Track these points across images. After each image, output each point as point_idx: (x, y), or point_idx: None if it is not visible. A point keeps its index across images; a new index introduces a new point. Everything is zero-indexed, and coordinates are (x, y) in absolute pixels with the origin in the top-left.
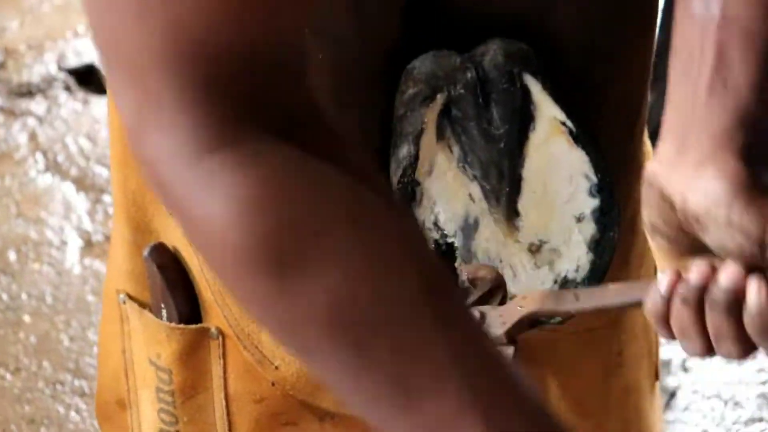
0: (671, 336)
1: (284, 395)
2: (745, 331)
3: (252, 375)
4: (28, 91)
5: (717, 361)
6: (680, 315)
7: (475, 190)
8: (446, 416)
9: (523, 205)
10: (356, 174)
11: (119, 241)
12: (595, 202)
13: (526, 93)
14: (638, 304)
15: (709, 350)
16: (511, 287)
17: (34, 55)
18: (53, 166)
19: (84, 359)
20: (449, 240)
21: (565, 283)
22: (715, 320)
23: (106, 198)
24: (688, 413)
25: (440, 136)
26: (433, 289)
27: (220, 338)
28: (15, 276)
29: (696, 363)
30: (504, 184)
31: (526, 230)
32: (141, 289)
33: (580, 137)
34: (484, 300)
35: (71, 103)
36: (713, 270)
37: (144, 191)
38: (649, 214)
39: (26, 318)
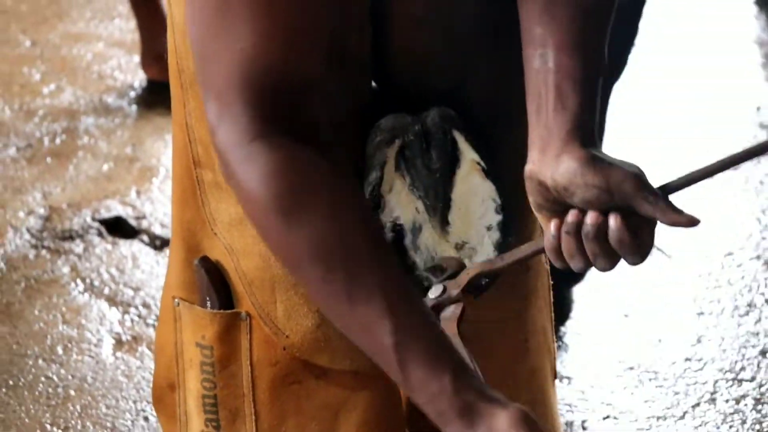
0: (563, 262)
1: (292, 358)
2: (609, 249)
3: (269, 344)
4: (69, 236)
5: (613, 421)
6: (566, 244)
7: (420, 205)
8: (371, 317)
9: (451, 217)
10: (334, 163)
11: (176, 260)
12: (499, 218)
13: (454, 143)
14: (541, 251)
15: (588, 265)
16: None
17: (74, 210)
18: (89, 288)
19: (118, 420)
20: (403, 237)
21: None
22: (588, 245)
23: (132, 310)
24: None
25: (397, 167)
26: (371, 237)
27: (248, 319)
28: (63, 364)
29: (593, 423)
30: (439, 202)
31: (453, 234)
32: (190, 293)
33: (490, 173)
34: (450, 278)
35: (103, 245)
36: (582, 213)
37: (196, 221)
38: (533, 198)
39: (72, 392)
